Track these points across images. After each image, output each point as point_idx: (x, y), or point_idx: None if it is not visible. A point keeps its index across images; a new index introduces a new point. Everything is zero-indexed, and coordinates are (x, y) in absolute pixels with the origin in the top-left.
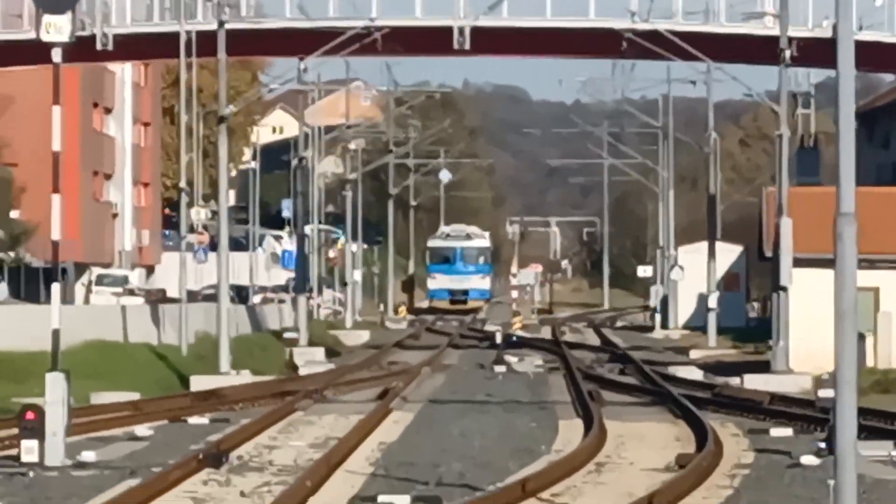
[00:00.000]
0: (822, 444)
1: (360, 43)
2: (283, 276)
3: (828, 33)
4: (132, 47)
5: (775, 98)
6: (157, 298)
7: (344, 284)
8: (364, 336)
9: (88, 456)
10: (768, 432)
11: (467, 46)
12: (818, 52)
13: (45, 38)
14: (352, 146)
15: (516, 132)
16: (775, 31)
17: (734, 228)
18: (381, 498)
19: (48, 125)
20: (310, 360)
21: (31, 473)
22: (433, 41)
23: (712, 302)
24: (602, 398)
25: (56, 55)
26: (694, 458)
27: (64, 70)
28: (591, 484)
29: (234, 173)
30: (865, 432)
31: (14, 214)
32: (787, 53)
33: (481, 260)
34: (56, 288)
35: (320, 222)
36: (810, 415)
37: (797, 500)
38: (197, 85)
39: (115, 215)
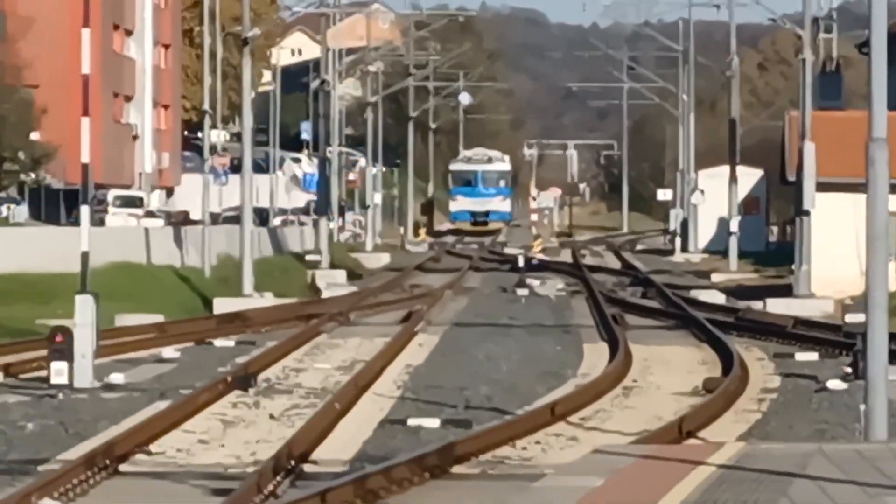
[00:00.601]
0: (849, 369)
1: None
2: (302, 198)
3: None
4: None
5: (797, 22)
6: (177, 220)
7: (364, 207)
8: (384, 258)
9: (117, 378)
10: (793, 356)
11: None
12: None
13: None
14: (371, 69)
15: (534, 55)
16: None
17: (753, 152)
18: (410, 421)
19: (68, 47)
20: (332, 283)
21: (61, 395)
22: None
23: (733, 226)
24: (626, 322)
25: None
26: (721, 382)
27: None
28: (619, 408)
29: (252, 95)
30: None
31: (34, 136)
32: None
33: (502, 183)
34: (86, 210)
35: (340, 145)
36: (835, 339)
37: (825, 425)
38: (210, 7)
39: (135, 137)
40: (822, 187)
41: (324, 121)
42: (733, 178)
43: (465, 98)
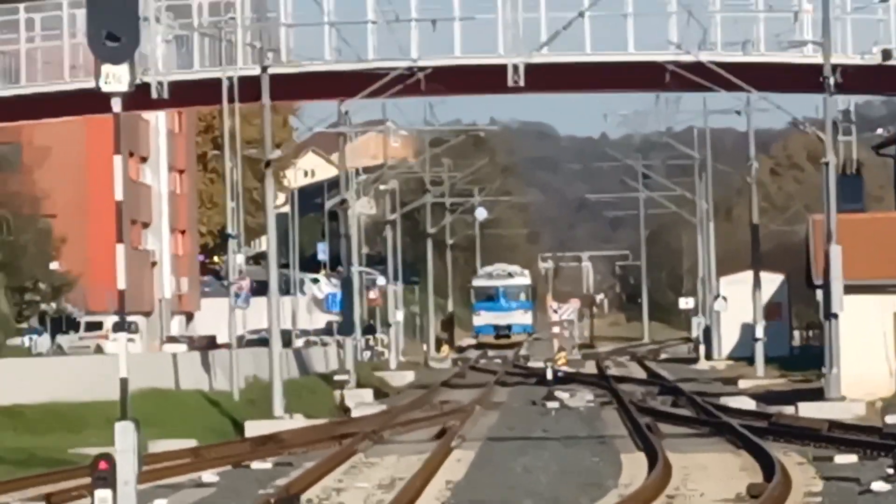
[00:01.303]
0: (891, 470)
1: (403, 84)
2: (322, 319)
3: (876, 60)
4: (182, 94)
5: (814, 126)
6: (201, 345)
7: (387, 325)
8: (409, 376)
9: None
10: (832, 459)
11: (522, 83)
12: (864, 78)
13: (104, 88)
14: (382, 187)
15: (545, 168)
16: (818, 60)
17: (772, 257)
18: None
19: (84, 176)
20: (360, 402)
21: None
22: (484, 79)
23: (759, 332)
24: (659, 430)
25: (116, 105)
26: (765, 488)
27: (101, 120)
28: None
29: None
30: None
31: (54, 265)
32: (832, 81)
33: (522, 297)
34: (123, 337)
35: (360, 264)
36: (872, 441)
37: None
38: (230, 131)
39: (153, 263)
40: (848, 290)
41: (344, 241)
42: (757, 284)
43: (481, 213)
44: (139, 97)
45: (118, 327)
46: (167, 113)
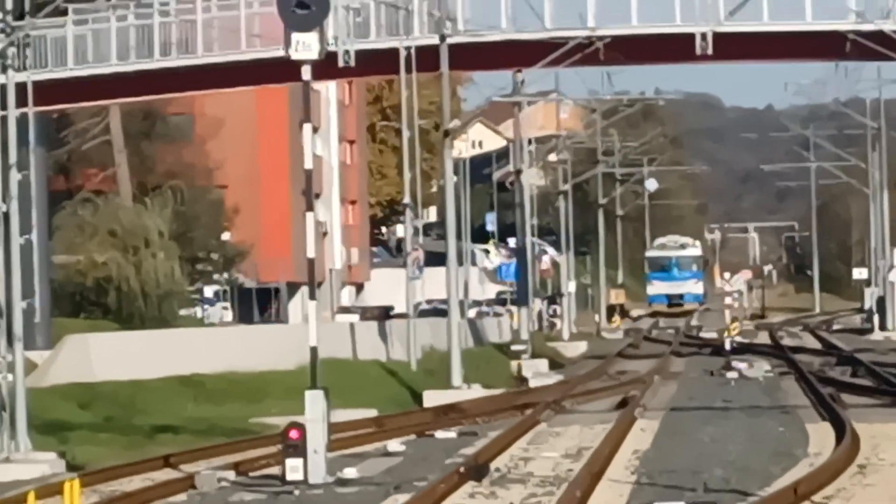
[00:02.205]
0: None
1: (581, 53)
2: (492, 289)
3: None
4: (366, 64)
5: None
6: (373, 315)
7: (560, 295)
8: (582, 347)
9: (350, 472)
10: None
11: (710, 52)
12: None
13: (294, 56)
14: (552, 157)
15: (710, 139)
16: None
17: None
18: None
19: (257, 147)
20: (537, 373)
21: (297, 492)
22: (669, 48)
23: None
24: (842, 400)
25: (306, 73)
26: None
27: (272, 91)
28: (860, 486)
29: (434, 189)
30: None
31: (226, 236)
32: None
33: (694, 267)
34: (313, 306)
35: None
36: None
37: None
38: (396, 103)
39: (324, 234)
40: None
41: (519, 210)
42: None
43: (651, 184)
44: (325, 66)
45: (310, 296)
46: (337, 83)
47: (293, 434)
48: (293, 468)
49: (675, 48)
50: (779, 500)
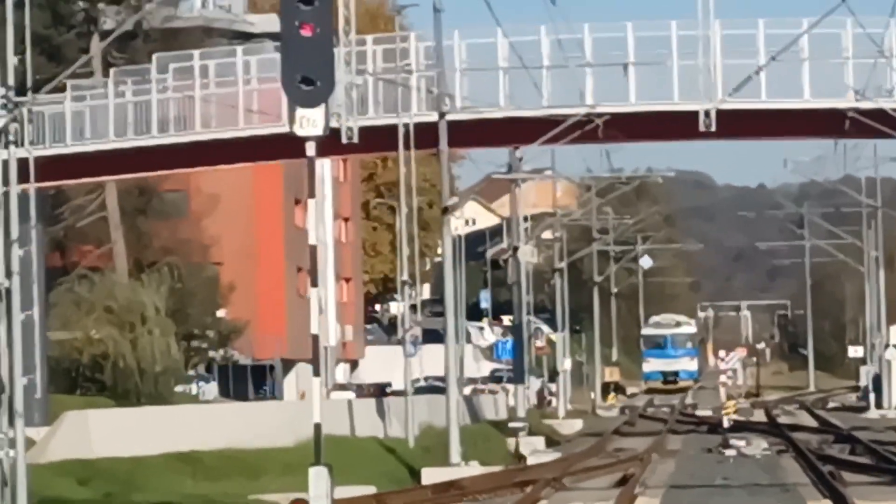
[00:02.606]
0: None
1: (580, 130)
2: (487, 367)
3: None
4: (367, 140)
5: None
6: (369, 393)
7: (555, 374)
8: (577, 424)
9: None
10: None
11: (713, 129)
12: None
13: (298, 132)
14: (545, 235)
15: (702, 217)
16: None
17: None
18: None
19: (252, 224)
20: (534, 450)
21: None
22: (671, 125)
23: None
24: (843, 478)
25: (310, 149)
26: None
27: (268, 168)
28: None
29: (428, 266)
30: None
31: (221, 313)
32: None
33: (689, 345)
34: (317, 382)
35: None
36: None
37: None
38: (389, 181)
39: (320, 311)
40: None
41: (515, 288)
42: None
43: (646, 262)
44: (327, 142)
45: (315, 373)
46: (332, 160)
47: None
48: None
49: (677, 125)
50: None
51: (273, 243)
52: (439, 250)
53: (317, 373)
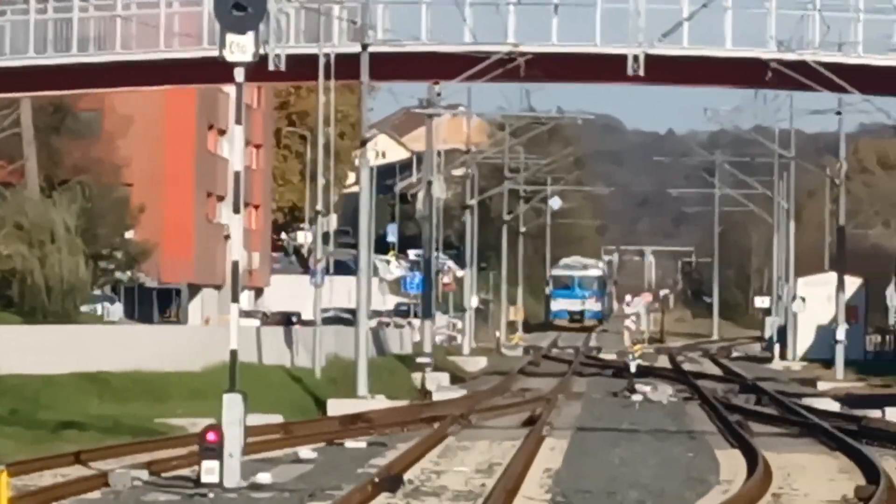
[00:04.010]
0: None
1: (502, 68)
2: (391, 300)
3: None
4: (291, 69)
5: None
6: (274, 321)
7: (461, 310)
8: (482, 362)
9: (263, 478)
10: None
11: (641, 74)
12: None
13: (229, 57)
14: (456, 172)
15: (610, 161)
16: None
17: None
18: None
19: (162, 146)
20: (440, 386)
21: (212, 495)
22: (598, 68)
23: (841, 334)
24: (750, 428)
25: (239, 75)
26: (873, 491)
27: (181, 92)
28: None
29: (336, 198)
30: None
31: (130, 235)
32: None
33: (595, 286)
34: (235, 307)
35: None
36: None
37: None
38: (302, 110)
39: (226, 237)
40: None
41: (426, 223)
42: (841, 287)
43: (555, 203)
44: (255, 69)
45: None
46: (246, 87)
47: (211, 436)
48: (209, 470)
49: (604, 69)
50: None
51: (184, 167)
52: (348, 181)
53: (235, 299)
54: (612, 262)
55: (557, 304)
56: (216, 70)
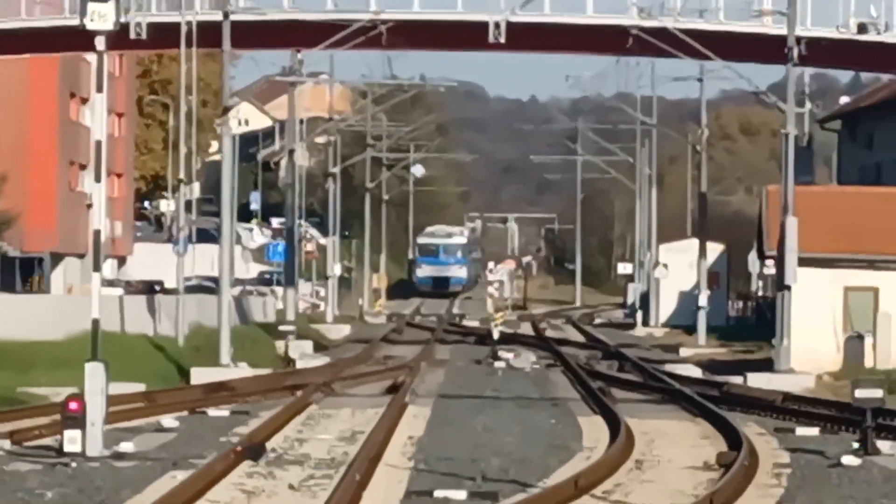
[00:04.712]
0: (857, 445)
1: (364, 37)
2: (255, 268)
3: (850, 34)
4: (153, 37)
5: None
6: (137, 290)
7: (325, 278)
8: (345, 330)
9: (126, 447)
10: (794, 432)
11: (503, 41)
12: (830, 52)
13: (89, 26)
14: (319, 140)
15: (474, 129)
16: (784, 31)
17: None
18: (437, 493)
19: (25, 115)
20: (303, 354)
21: (74, 464)
22: (460, 36)
23: (703, 300)
24: (612, 395)
25: (100, 43)
26: (735, 457)
27: (44, 60)
28: (638, 482)
29: (199, 166)
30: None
31: None
32: (795, 52)
33: (459, 254)
34: (97, 276)
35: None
36: (831, 414)
37: (853, 501)
38: (164, 78)
39: (89, 206)
40: (798, 262)
41: (290, 191)
42: (703, 253)
43: (418, 170)
44: (116, 37)
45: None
46: (108, 55)
47: (73, 406)
48: (71, 440)
49: (466, 36)
50: (560, 492)
51: (47, 136)
52: (211, 149)
53: (97, 267)
54: (476, 230)
55: (423, 271)
56: (78, 38)
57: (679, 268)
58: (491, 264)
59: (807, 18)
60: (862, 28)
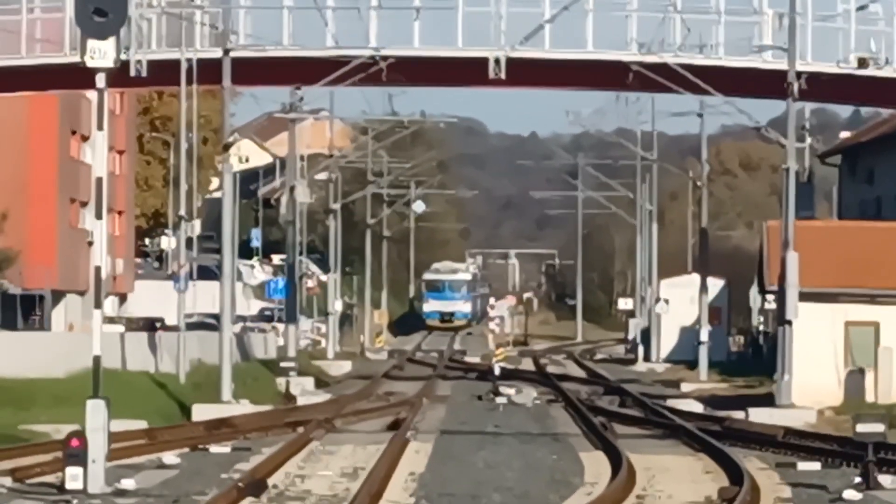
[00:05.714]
0: (859, 479)
1: (364, 73)
2: (256, 305)
3: (850, 69)
4: (153, 75)
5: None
6: (139, 327)
7: (326, 314)
8: (346, 366)
9: (128, 483)
10: (795, 466)
11: (503, 77)
12: (831, 87)
13: (90, 63)
14: (319, 176)
15: (474, 165)
16: (784, 66)
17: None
18: None
19: (25, 152)
20: (304, 390)
21: (76, 501)
22: (460, 72)
23: (704, 335)
24: (614, 430)
25: (100, 81)
26: (736, 492)
27: (44, 98)
28: None
29: (199, 203)
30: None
31: None
32: (796, 87)
33: (464, 289)
34: (98, 314)
35: (300, 253)
36: (832, 448)
37: None
38: (165, 115)
39: (90, 243)
40: (800, 297)
41: (290, 227)
42: (704, 288)
43: (419, 206)
44: (116, 75)
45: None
46: (109, 93)
47: (74, 443)
48: (73, 477)
49: (466, 72)
50: None
51: (46, 173)
52: (211, 186)
53: (98, 305)
54: (477, 266)
55: (430, 306)
56: (78, 76)
57: (680, 303)
58: (492, 300)
59: (807, 53)
60: (862, 63)
